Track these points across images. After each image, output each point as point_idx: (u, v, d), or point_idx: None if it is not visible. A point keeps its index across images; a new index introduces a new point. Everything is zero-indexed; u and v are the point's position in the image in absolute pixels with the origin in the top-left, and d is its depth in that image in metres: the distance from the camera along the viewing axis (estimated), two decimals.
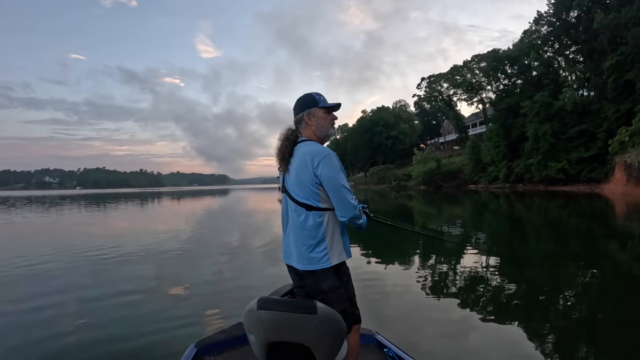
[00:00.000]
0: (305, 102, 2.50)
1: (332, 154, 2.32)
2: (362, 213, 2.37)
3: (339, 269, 2.39)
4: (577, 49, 49.30)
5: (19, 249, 11.78)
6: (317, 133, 2.49)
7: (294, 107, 2.55)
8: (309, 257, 2.32)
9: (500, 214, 21.14)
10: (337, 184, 2.26)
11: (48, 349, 4.47)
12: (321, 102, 2.49)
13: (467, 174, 60.51)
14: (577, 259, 9.16)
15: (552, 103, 44.99)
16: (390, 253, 10.27)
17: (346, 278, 2.46)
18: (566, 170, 42.92)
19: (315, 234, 2.32)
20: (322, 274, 2.31)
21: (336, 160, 2.31)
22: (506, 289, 6.76)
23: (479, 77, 66.42)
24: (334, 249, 2.33)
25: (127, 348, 4.44)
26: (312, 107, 2.47)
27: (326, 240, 2.33)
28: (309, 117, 2.47)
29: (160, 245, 12.01)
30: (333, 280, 2.32)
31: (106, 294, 6.75)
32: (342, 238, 2.42)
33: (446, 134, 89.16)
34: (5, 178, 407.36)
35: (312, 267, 2.32)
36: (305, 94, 2.55)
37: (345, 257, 2.41)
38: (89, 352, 4.38)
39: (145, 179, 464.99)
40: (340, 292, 2.33)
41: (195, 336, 3.60)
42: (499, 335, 4.67)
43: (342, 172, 2.31)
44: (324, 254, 2.31)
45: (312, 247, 2.32)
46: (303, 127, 2.50)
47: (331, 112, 2.54)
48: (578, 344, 4.53)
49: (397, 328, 4.86)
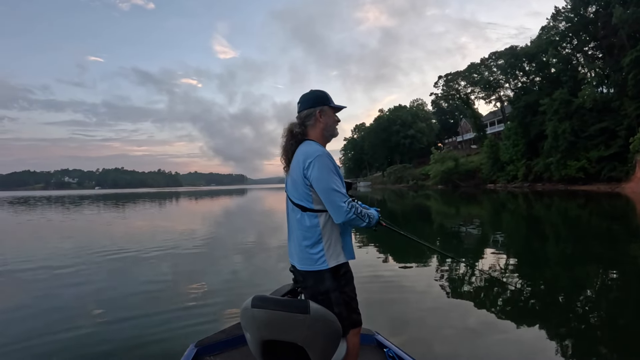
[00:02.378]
0: (317, 98, 2.48)
1: (324, 155, 2.28)
2: (359, 217, 2.23)
3: (337, 271, 2.34)
4: (596, 45, 48.59)
5: (33, 248, 12.28)
6: (325, 132, 2.48)
7: (300, 101, 2.52)
8: (307, 257, 2.32)
9: (519, 214, 20.94)
10: (326, 187, 2.21)
11: (47, 347, 4.53)
12: (332, 102, 2.50)
13: (485, 173, 60.19)
14: (597, 261, 8.93)
15: (571, 100, 44.46)
16: (395, 253, 10.21)
17: (344, 281, 2.37)
18: (586, 169, 42.40)
19: (311, 235, 2.31)
20: (320, 275, 2.29)
21: (328, 161, 2.26)
22: (508, 289, 6.73)
23: (496, 75, 65.60)
24: (331, 251, 2.31)
25: (127, 348, 4.47)
26: (325, 105, 2.47)
27: (323, 242, 2.30)
28: (320, 114, 2.45)
29: (172, 245, 12.05)
30: (330, 282, 2.29)
31: (107, 293, 6.86)
32: (342, 239, 2.39)
33: (464, 132, 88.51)
34: (26, 178, 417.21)
35: (310, 268, 2.32)
36: (314, 89, 2.53)
37: (345, 259, 2.37)
38: (89, 351, 4.43)
39: (163, 179, 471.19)
40: (336, 295, 2.29)
41: (195, 336, 3.60)
42: (500, 335, 4.65)
43: (333, 174, 2.24)
44: (320, 256, 2.30)
45: (309, 247, 2.31)
46: (311, 124, 2.46)
47: (337, 112, 2.55)
48: (594, 349, 4.42)
49: (397, 328, 4.88)
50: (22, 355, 4.38)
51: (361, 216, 2.24)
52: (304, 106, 2.48)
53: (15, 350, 4.50)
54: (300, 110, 2.48)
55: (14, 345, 4.62)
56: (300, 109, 2.49)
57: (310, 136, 2.45)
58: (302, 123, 2.46)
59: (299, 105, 2.51)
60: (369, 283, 6.97)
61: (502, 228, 15.90)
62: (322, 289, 2.30)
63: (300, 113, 2.48)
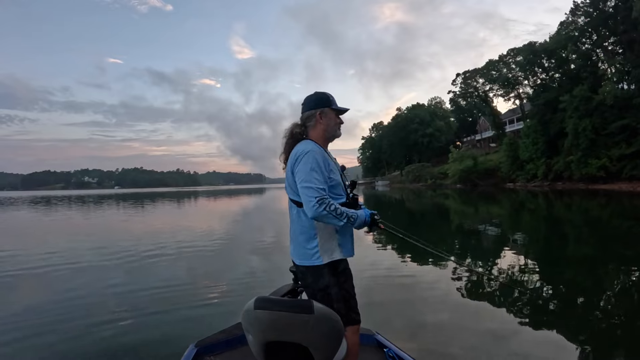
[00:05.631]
0: (319, 100, 2.54)
1: (312, 152, 2.32)
2: (334, 216, 2.20)
3: (336, 268, 2.38)
4: (616, 40, 47.68)
5: (47, 245, 12.76)
6: (326, 133, 2.54)
7: (304, 102, 2.58)
8: (304, 253, 2.39)
9: (539, 214, 20.83)
10: (300, 182, 2.27)
11: (47, 346, 4.60)
12: (334, 104, 2.55)
13: (505, 172, 59.50)
14: (618, 262, 8.82)
15: (591, 97, 43.91)
16: (397, 253, 10.23)
17: (343, 278, 2.41)
18: (607, 168, 41.73)
19: (306, 230, 2.38)
20: (317, 271, 2.35)
21: (313, 159, 2.29)
22: (511, 289, 6.66)
23: (515, 72, 64.87)
24: (325, 247, 2.36)
25: (128, 347, 4.51)
26: (326, 107, 2.52)
27: (317, 238, 2.36)
28: (321, 116, 2.50)
29: (180, 245, 12.13)
30: (328, 278, 2.34)
31: (107, 293, 6.94)
32: (340, 236, 2.42)
33: (482, 131, 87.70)
34: (46, 178, 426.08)
35: (307, 263, 2.38)
36: (318, 92, 2.59)
37: (340, 256, 2.40)
38: (89, 350, 4.47)
39: (181, 179, 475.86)
40: (334, 290, 2.34)
41: (195, 336, 3.56)
42: (502, 336, 4.64)
43: (314, 171, 2.26)
44: (315, 251, 2.35)
45: (304, 242, 2.38)
46: (312, 125, 2.52)
47: (339, 115, 2.59)
48: (612, 354, 4.36)
49: (397, 328, 4.90)
50: (13, 351, 4.50)
51: (336, 214, 2.20)
52: (305, 108, 2.55)
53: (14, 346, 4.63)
54: (303, 112, 2.56)
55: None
56: (302, 110, 2.56)
57: (311, 137, 2.52)
58: (303, 124, 2.55)
59: (302, 107, 2.58)
60: (370, 283, 7.00)
61: (521, 228, 15.81)
62: (321, 285, 2.36)
63: (302, 114, 2.56)
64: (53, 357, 4.39)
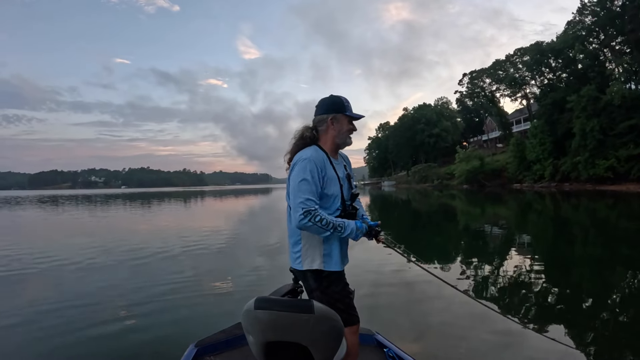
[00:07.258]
0: (333, 104, 2.46)
1: (308, 160, 2.28)
2: (320, 227, 2.19)
3: (319, 273, 2.36)
4: (624, 40, 47.29)
5: (51, 244, 13.00)
6: (336, 139, 2.47)
7: (318, 105, 2.51)
8: (291, 255, 2.43)
9: (546, 215, 20.66)
10: (290, 189, 2.30)
11: (46, 345, 4.61)
12: (348, 110, 2.46)
13: (511, 172, 59.46)
14: (626, 264, 8.72)
15: (599, 97, 43.71)
16: (397, 254, 10.07)
17: (326, 283, 2.36)
18: (615, 169, 41.56)
19: (293, 234, 2.40)
20: (304, 274, 2.38)
21: (306, 167, 2.25)
22: (512, 290, 6.69)
23: (522, 72, 64.74)
24: (307, 253, 2.34)
25: (128, 347, 4.51)
26: (339, 113, 2.45)
27: (301, 243, 2.36)
28: (332, 121, 2.43)
29: (186, 244, 12.12)
30: (312, 282, 2.36)
31: (107, 292, 6.91)
32: (325, 245, 2.37)
33: (489, 131, 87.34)
34: (53, 178, 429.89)
35: (293, 265, 2.43)
36: (333, 95, 2.51)
37: (321, 267, 2.35)
38: (89, 350, 4.48)
39: (188, 179, 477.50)
40: (316, 294, 2.33)
41: (195, 336, 3.54)
42: (503, 337, 4.62)
43: (305, 182, 2.23)
44: (298, 256, 2.37)
45: (291, 245, 2.42)
46: (324, 130, 2.46)
47: (353, 121, 2.52)
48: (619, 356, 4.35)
49: (397, 328, 4.90)
50: (12, 350, 4.56)
51: (322, 225, 2.19)
52: (318, 111, 2.49)
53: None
54: (316, 114, 2.50)
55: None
56: (315, 113, 2.51)
57: (321, 141, 2.47)
58: (315, 127, 2.48)
59: (315, 109, 2.52)
60: (370, 283, 6.96)
61: (527, 230, 15.79)
62: (307, 287, 2.41)
63: (315, 117, 2.50)
64: (53, 356, 4.41)
